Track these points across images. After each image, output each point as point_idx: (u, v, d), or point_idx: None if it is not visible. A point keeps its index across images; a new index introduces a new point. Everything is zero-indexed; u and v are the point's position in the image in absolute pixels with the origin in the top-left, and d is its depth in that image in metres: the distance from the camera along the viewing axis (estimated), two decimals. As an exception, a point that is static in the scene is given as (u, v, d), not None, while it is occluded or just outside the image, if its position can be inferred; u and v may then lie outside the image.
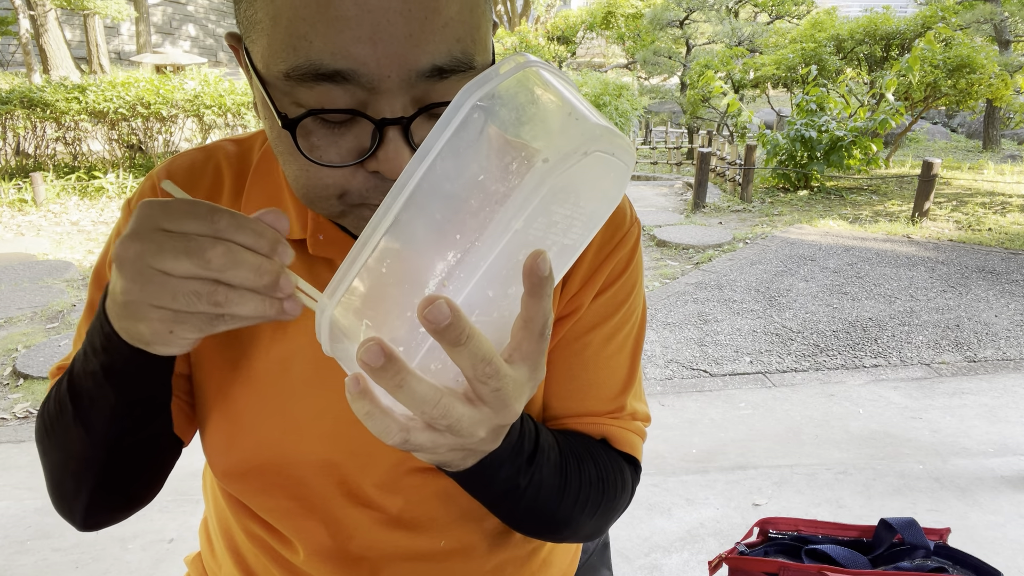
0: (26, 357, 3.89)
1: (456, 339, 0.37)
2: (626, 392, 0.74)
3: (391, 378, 0.37)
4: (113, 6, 11.98)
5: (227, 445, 0.68)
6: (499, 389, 0.40)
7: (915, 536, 1.20)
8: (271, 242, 0.45)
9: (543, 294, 0.40)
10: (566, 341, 0.71)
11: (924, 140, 14.42)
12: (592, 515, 0.68)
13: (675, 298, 4.97)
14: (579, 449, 0.68)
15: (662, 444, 2.98)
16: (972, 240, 6.39)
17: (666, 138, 13.50)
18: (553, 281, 0.40)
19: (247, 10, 0.50)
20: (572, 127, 0.39)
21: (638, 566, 2.16)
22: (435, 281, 0.39)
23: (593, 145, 0.38)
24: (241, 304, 0.45)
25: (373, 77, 0.46)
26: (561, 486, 0.63)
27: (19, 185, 7.83)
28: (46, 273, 5.39)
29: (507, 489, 0.58)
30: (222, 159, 0.71)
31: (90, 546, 2.25)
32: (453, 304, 0.36)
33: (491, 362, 0.39)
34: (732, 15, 16.16)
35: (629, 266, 0.72)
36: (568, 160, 0.38)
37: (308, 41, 0.46)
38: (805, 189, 8.81)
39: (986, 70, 9.31)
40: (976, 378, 3.72)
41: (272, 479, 0.68)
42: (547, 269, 0.39)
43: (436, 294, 0.37)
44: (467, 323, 0.37)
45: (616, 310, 0.72)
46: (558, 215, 0.41)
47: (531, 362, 0.42)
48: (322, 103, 0.48)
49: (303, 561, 0.72)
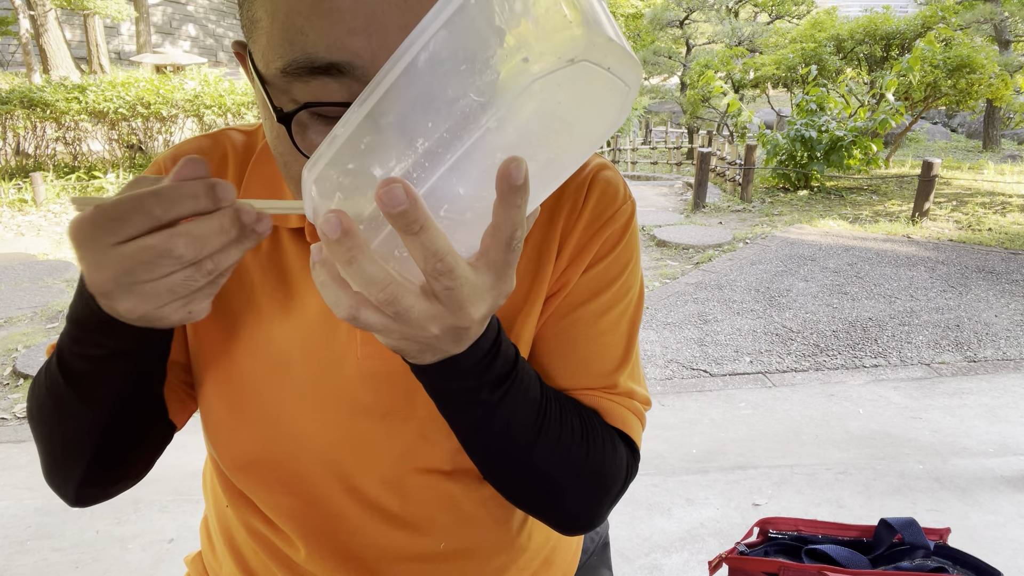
0: (26, 357, 3.89)
1: (407, 227, 0.37)
2: (620, 371, 0.70)
3: (344, 252, 0.38)
4: (113, 6, 11.98)
5: (230, 437, 0.68)
6: (451, 288, 0.40)
7: (915, 536, 1.20)
8: (206, 193, 0.43)
9: (515, 203, 0.38)
10: (555, 317, 0.69)
11: (924, 140, 14.43)
12: (576, 475, 0.63)
13: (675, 298, 4.97)
14: (565, 400, 0.65)
15: (662, 444, 2.98)
16: (972, 240, 6.39)
17: (666, 138, 13.50)
18: (528, 191, 0.38)
19: (248, 11, 0.50)
20: (566, 28, 0.35)
21: (638, 566, 2.16)
22: (402, 166, 0.38)
23: (585, 54, 0.35)
24: (227, 257, 0.45)
25: (369, 69, 0.46)
26: (537, 426, 0.60)
27: (19, 185, 7.83)
28: (46, 273, 5.40)
29: (471, 402, 0.55)
30: (228, 147, 0.71)
31: (90, 546, 2.25)
32: (411, 190, 0.36)
33: (443, 259, 0.39)
34: (732, 15, 16.17)
35: (620, 242, 0.70)
36: (552, 65, 0.35)
37: (304, 35, 0.46)
38: (805, 189, 8.81)
39: (986, 70, 9.31)
40: (976, 378, 3.72)
41: (275, 473, 0.68)
42: (521, 177, 0.37)
43: (395, 177, 0.36)
44: (423, 213, 0.37)
45: (607, 286, 0.69)
46: (538, 124, 0.38)
47: (496, 271, 0.42)
48: (319, 97, 0.48)
49: (304, 559, 0.72)
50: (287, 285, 0.67)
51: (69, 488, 0.66)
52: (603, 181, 0.70)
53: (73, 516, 2.40)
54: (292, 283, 0.67)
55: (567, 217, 0.68)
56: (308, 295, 0.66)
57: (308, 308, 0.66)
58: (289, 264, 0.67)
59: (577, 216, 0.68)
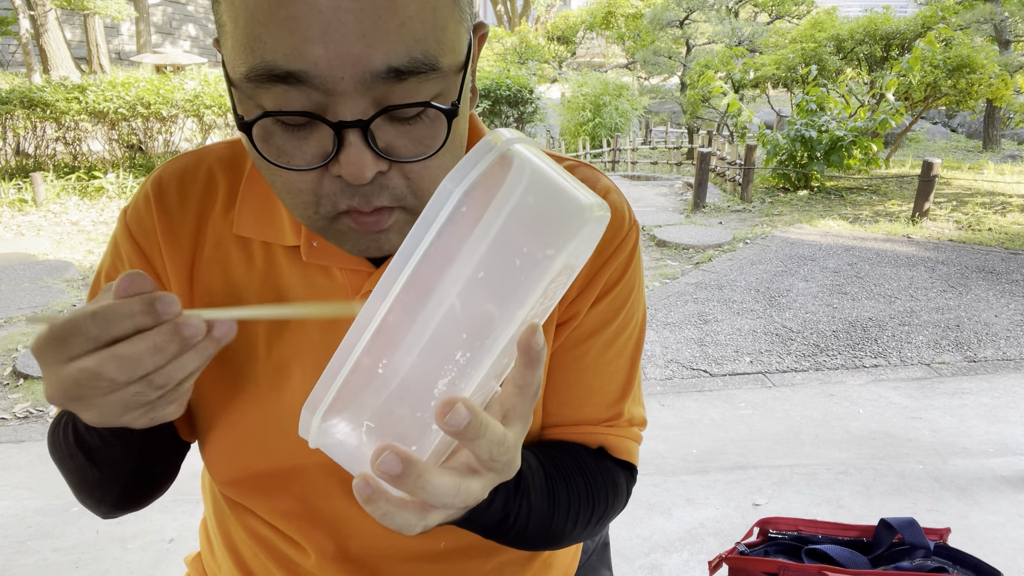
0: (26, 357, 3.89)
1: (476, 434, 0.37)
2: (625, 398, 0.73)
3: (413, 482, 0.37)
4: (113, 6, 11.99)
5: (230, 456, 0.69)
6: (508, 458, 0.41)
7: (915, 536, 1.20)
8: (144, 310, 0.43)
9: (538, 364, 0.40)
10: (565, 348, 0.70)
11: (924, 140, 14.42)
12: (585, 526, 0.69)
13: (675, 298, 4.97)
14: (567, 466, 0.68)
15: (662, 444, 2.98)
16: (972, 240, 6.39)
17: (666, 138, 13.49)
18: (546, 349, 0.41)
19: (217, 13, 0.50)
20: (566, 209, 0.38)
21: (638, 566, 2.16)
22: (445, 381, 0.38)
23: (591, 223, 0.38)
24: (178, 369, 0.45)
25: (326, 78, 0.45)
26: (550, 507, 0.64)
27: (19, 185, 7.83)
28: (46, 273, 5.40)
29: (499, 520, 0.59)
30: (215, 163, 0.70)
31: (90, 546, 2.25)
32: (470, 404, 0.36)
33: (503, 442, 0.40)
34: (732, 15, 16.16)
35: (628, 270, 0.71)
36: (569, 245, 0.37)
37: (262, 42, 0.45)
38: (805, 189, 8.81)
39: (986, 70, 9.31)
40: (976, 378, 3.72)
41: (276, 483, 0.68)
42: (542, 342, 0.39)
43: (452, 396, 0.37)
44: (483, 417, 0.37)
45: (615, 315, 0.71)
46: (551, 289, 0.41)
47: (524, 419, 0.43)
48: (280, 106, 0.47)
49: (304, 559, 0.72)
50: (284, 302, 0.66)
51: (102, 510, 0.70)
52: (610, 207, 0.70)
53: (73, 516, 2.40)
54: (290, 301, 0.66)
55: None
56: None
57: (307, 324, 0.66)
58: (285, 282, 0.66)
59: None
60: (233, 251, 0.67)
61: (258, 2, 0.45)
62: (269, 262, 0.66)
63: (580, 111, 12.36)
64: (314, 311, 0.47)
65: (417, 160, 0.51)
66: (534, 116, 10.57)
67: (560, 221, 0.38)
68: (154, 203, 0.68)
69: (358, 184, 0.50)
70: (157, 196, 0.68)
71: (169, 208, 0.67)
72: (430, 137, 0.51)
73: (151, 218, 0.67)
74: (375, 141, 0.49)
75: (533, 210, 0.37)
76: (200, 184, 0.69)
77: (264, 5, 0.44)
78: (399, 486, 0.37)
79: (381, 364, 0.39)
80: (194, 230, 0.67)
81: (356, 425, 0.40)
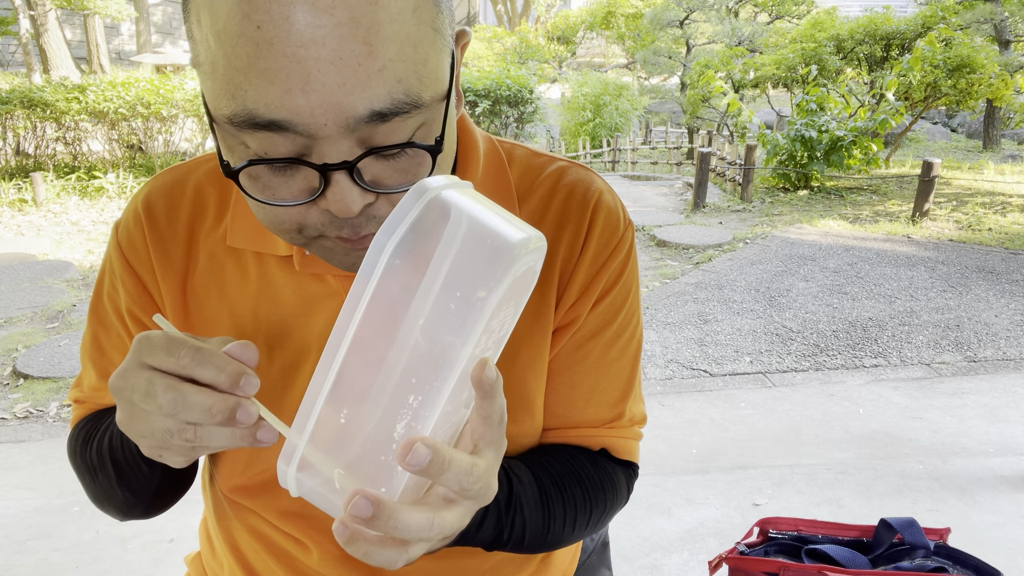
0: (26, 357, 3.89)
1: (440, 469, 0.39)
2: (627, 398, 0.74)
3: (384, 522, 0.39)
4: (113, 6, 11.99)
5: (240, 466, 0.70)
6: (481, 485, 0.43)
7: (915, 536, 1.20)
8: (231, 376, 0.46)
9: (495, 394, 0.42)
10: (566, 351, 0.71)
11: (924, 140, 14.41)
12: (583, 529, 0.70)
13: (675, 298, 4.97)
14: (563, 476, 0.69)
15: (662, 444, 2.98)
16: (972, 240, 6.39)
17: (666, 138, 13.48)
18: (500, 379, 0.42)
19: (193, 50, 0.49)
20: (495, 251, 0.39)
21: (638, 566, 2.16)
22: (402, 424, 0.41)
23: (520, 261, 0.40)
24: (210, 438, 0.47)
25: (309, 126, 0.45)
26: (545, 519, 0.66)
27: (19, 185, 7.83)
28: (46, 273, 5.39)
29: (493, 538, 0.62)
30: (203, 176, 0.70)
31: (90, 546, 2.25)
32: (429, 442, 0.39)
33: (472, 472, 0.42)
34: (732, 15, 16.15)
35: (625, 270, 0.71)
36: (501, 284, 0.39)
37: (243, 90, 0.45)
38: (805, 189, 8.81)
39: (986, 70, 9.31)
40: (976, 378, 3.72)
41: (280, 486, 0.68)
42: (494, 374, 0.41)
43: (411, 437, 0.39)
44: (445, 451, 0.39)
45: (615, 316, 0.71)
46: (495, 324, 0.42)
47: (496, 445, 0.45)
48: (265, 149, 0.48)
49: (307, 556, 0.72)
50: (281, 311, 0.66)
51: (124, 519, 0.75)
52: (605, 209, 0.70)
53: (73, 516, 2.40)
54: (287, 310, 0.66)
55: (570, 245, 0.68)
56: (306, 319, 0.66)
57: (307, 331, 0.66)
58: (279, 291, 0.66)
59: (582, 247, 0.69)
60: (227, 263, 0.68)
61: (236, 52, 0.44)
62: (263, 272, 0.67)
63: (580, 111, 12.36)
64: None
65: (404, 190, 0.51)
66: (534, 116, 10.56)
67: (490, 263, 0.39)
68: (144, 221, 0.69)
69: (345, 217, 0.51)
70: (147, 214, 0.69)
71: (159, 226, 0.68)
72: (416, 166, 0.52)
73: (142, 236, 0.69)
74: (361, 177, 0.49)
75: (461, 255, 0.39)
76: (189, 199, 0.69)
77: (242, 56, 0.44)
78: (373, 527, 0.39)
79: (342, 415, 0.41)
80: (185, 245, 0.68)
81: (328, 473, 0.42)
